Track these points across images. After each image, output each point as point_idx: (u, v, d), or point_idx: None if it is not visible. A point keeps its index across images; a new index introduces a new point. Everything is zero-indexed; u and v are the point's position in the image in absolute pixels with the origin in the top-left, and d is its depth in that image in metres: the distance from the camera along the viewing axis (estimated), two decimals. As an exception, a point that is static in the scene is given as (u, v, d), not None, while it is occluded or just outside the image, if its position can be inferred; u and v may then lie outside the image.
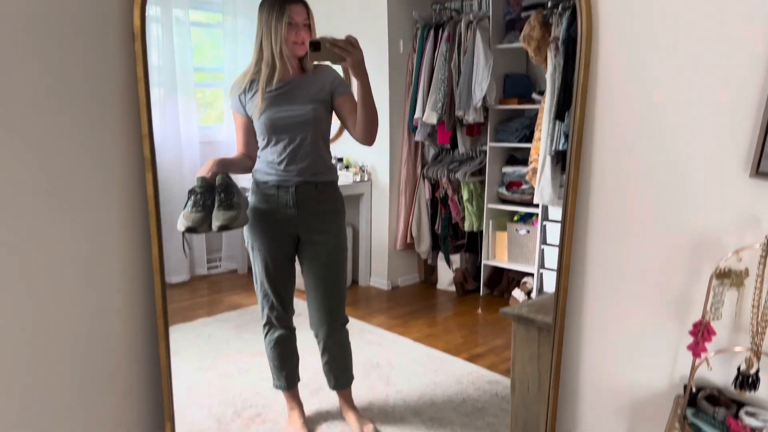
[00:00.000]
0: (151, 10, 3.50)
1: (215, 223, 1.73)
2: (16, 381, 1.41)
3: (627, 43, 1.38)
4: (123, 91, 1.37)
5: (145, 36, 1.31)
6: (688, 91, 1.32)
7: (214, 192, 1.77)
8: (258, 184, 1.99)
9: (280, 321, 2.11)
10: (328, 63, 1.89)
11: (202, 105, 4.08)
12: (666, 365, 1.41)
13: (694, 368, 1.25)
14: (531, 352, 1.70)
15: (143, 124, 1.37)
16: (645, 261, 1.42)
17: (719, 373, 1.32)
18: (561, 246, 1.48)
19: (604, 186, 1.46)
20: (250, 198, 2.00)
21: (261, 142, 1.96)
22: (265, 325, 2.13)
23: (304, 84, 1.91)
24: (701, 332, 1.18)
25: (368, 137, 1.88)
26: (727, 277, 1.15)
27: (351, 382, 2.24)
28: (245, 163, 2.02)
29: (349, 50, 1.68)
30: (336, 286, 2.06)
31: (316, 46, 1.66)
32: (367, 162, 3.74)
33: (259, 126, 1.92)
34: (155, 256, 1.45)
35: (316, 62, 1.83)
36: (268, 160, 1.95)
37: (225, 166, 1.86)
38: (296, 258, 2.08)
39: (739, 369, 1.23)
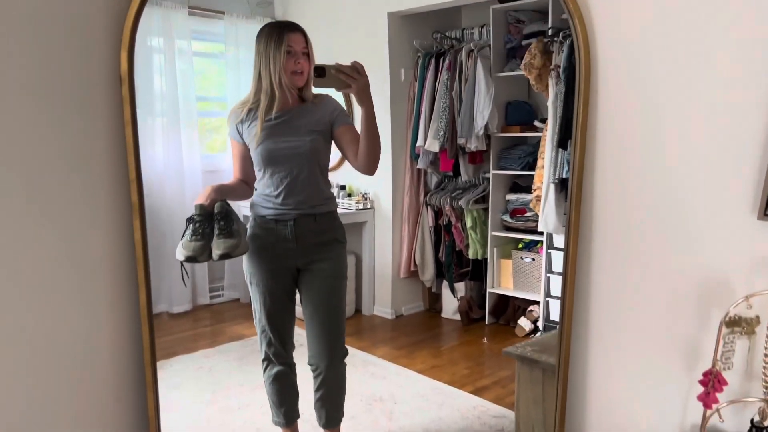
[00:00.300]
0: (154, 41, 3.52)
1: (216, 252, 1.70)
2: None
3: (627, 78, 1.36)
4: (110, 134, 1.35)
5: (133, 80, 1.29)
6: (692, 127, 1.29)
7: (213, 220, 1.74)
8: (255, 219, 1.96)
9: (279, 357, 2.07)
10: (328, 92, 1.86)
11: (206, 134, 4.08)
12: (676, 412, 1.36)
13: (705, 419, 1.20)
14: (536, 394, 1.65)
15: (131, 169, 1.34)
16: (651, 302, 1.37)
17: (732, 422, 1.27)
18: (563, 288, 1.44)
19: (605, 226, 1.42)
20: (249, 232, 1.96)
21: (258, 173, 1.94)
22: (263, 361, 2.09)
23: (303, 114, 1.88)
24: (712, 382, 1.13)
25: (370, 166, 1.84)
26: (738, 325, 1.11)
27: (341, 421, 2.18)
28: (243, 189, 1.99)
29: (354, 77, 1.64)
30: (335, 315, 2.02)
31: (320, 71, 1.62)
32: (369, 190, 3.71)
33: (255, 156, 1.89)
34: (143, 303, 1.42)
35: (317, 88, 1.77)
36: (265, 193, 1.92)
37: (223, 193, 1.83)
38: (296, 291, 2.05)
39: (752, 421, 1.18)
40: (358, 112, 1.80)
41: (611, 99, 1.38)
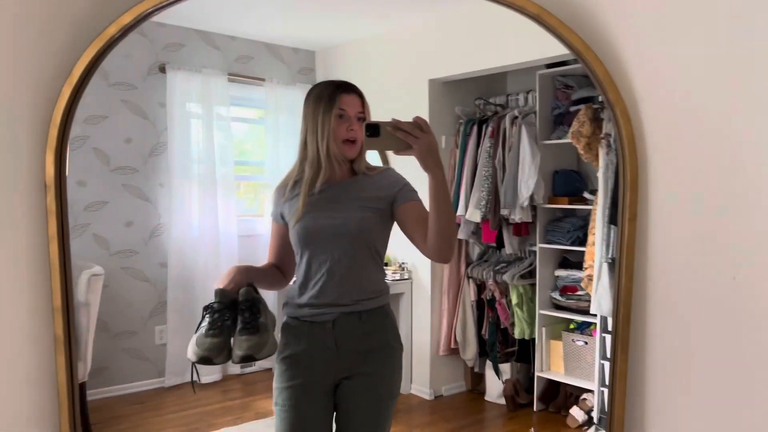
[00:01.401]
0: (192, 107, 3.53)
1: (237, 353, 1.39)
2: None
3: (683, 183, 1.11)
4: (32, 254, 1.12)
5: (62, 187, 1.08)
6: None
7: (236, 310, 1.44)
8: (287, 319, 1.58)
9: None
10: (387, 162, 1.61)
11: (243, 198, 4.04)
12: None
13: None
14: None
15: (55, 296, 1.10)
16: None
17: None
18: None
19: (661, 341, 1.16)
20: (280, 337, 1.59)
21: (297, 258, 1.60)
22: None
23: (354, 187, 1.55)
24: None
25: (445, 251, 1.43)
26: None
27: None
28: (275, 276, 1.66)
29: (416, 135, 1.30)
30: None
31: (373, 130, 1.31)
32: (407, 260, 3.52)
33: (293, 236, 1.55)
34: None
35: (369, 150, 1.49)
36: (300, 283, 1.57)
37: (250, 276, 1.51)
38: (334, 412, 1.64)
39: None
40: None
41: (663, 210, 1.13)
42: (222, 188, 3.66)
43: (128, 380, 3.45)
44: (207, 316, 1.42)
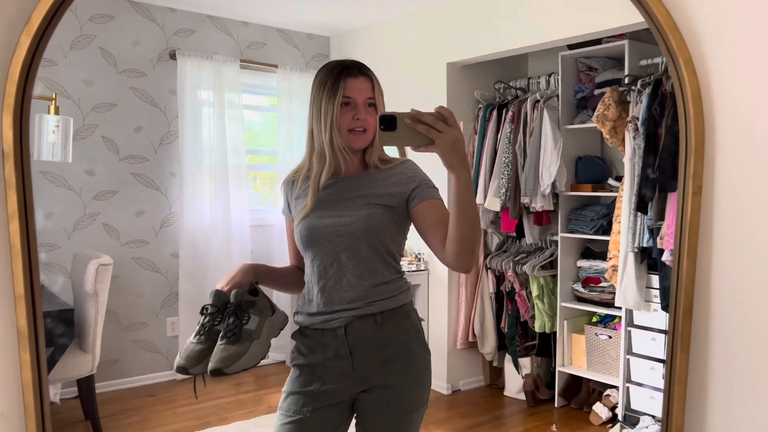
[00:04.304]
0: (203, 94, 3.46)
1: (209, 364, 1.27)
2: None
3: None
4: None
5: (23, 156, 0.94)
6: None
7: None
8: (300, 329, 1.44)
9: None
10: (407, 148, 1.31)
11: (255, 187, 3.96)
12: None
13: None
14: None
15: (17, 281, 0.96)
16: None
17: None
18: None
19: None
20: (291, 348, 1.45)
21: (305, 260, 1.47)
22: None
23: (363, 182, 1.41)
24: None
25: (466, 261, 1.25)
26: None
27: None
28: (291, 276, 1.54)
29: (439, 128, 1.12)
30: None
31: (389, 122, 1.14)
32: (423, 250, 3.42)
33: (296, 236, 1.43)
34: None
35: (385, 145, 1.27)
36: (308, 288, 1.45)
37: (258, 275, 1.40)
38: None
39: None
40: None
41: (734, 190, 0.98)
42: (234, 177, 3.58)
43: (139, 372, 3.40)
44: (200, 319, 1.32)
